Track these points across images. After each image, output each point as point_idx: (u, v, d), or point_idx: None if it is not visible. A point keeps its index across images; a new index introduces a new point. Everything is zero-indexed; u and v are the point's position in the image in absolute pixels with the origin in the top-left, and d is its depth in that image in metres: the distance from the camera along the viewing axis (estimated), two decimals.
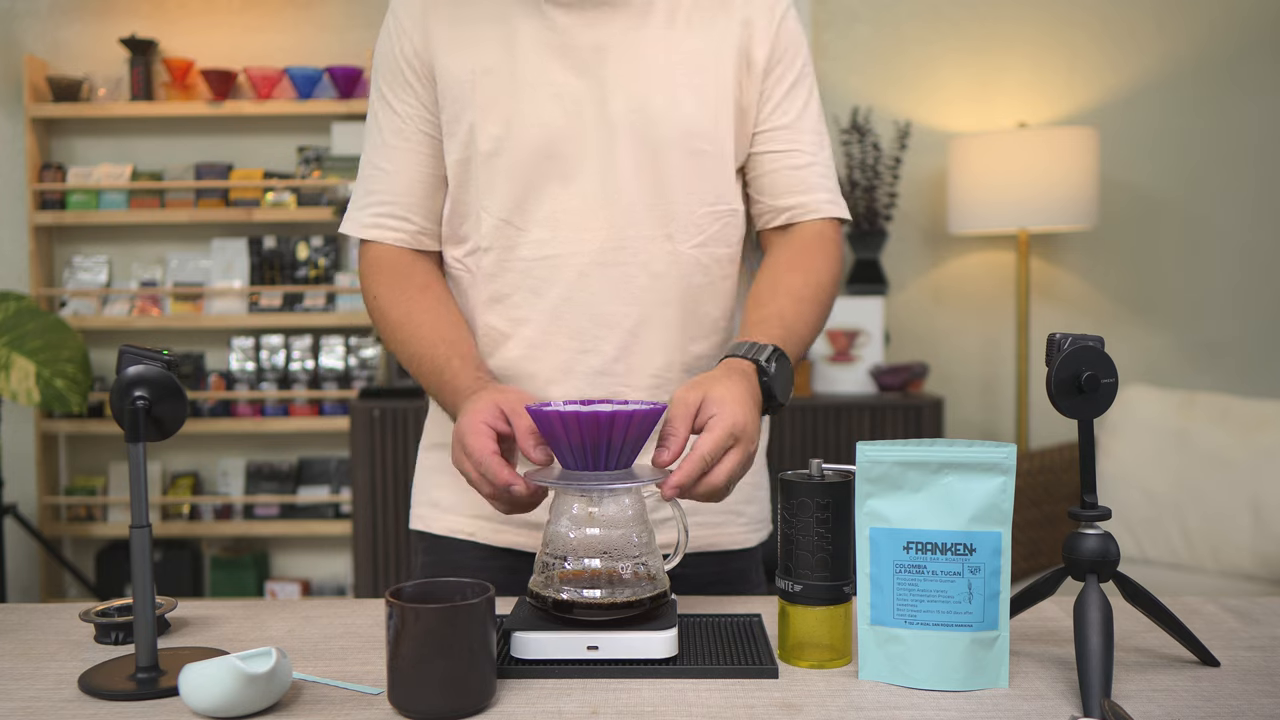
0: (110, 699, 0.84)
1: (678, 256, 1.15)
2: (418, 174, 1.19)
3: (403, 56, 1.19)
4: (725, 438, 0.95)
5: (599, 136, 1.13)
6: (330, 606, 1.11)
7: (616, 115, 1.13)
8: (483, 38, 1.16)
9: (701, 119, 1.15)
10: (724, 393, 0.98)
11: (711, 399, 0.97)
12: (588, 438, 0.90)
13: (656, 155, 1.14)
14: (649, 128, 1.13)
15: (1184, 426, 2.74)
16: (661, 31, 1.15)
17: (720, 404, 0.97)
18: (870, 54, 3.30)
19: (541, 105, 1.13)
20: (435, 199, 1.20)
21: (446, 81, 1.16)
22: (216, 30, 3.33)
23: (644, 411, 0.91)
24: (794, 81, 1.20)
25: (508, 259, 1.16)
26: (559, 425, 0.90)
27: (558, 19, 1.14)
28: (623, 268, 1.14)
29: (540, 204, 1.15)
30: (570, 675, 0.88)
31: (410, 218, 1.20)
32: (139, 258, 3.39)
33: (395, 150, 1.19)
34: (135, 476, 0.87)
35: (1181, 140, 3.28)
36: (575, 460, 0.92)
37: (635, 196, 1.14)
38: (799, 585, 0.91)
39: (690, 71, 1.15)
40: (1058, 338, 0.87)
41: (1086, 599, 0.85)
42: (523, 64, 1.14)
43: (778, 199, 1.20)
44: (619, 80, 1.13)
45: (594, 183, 1.14)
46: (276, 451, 3.39)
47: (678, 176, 1.14)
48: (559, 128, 1.13)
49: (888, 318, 3.25)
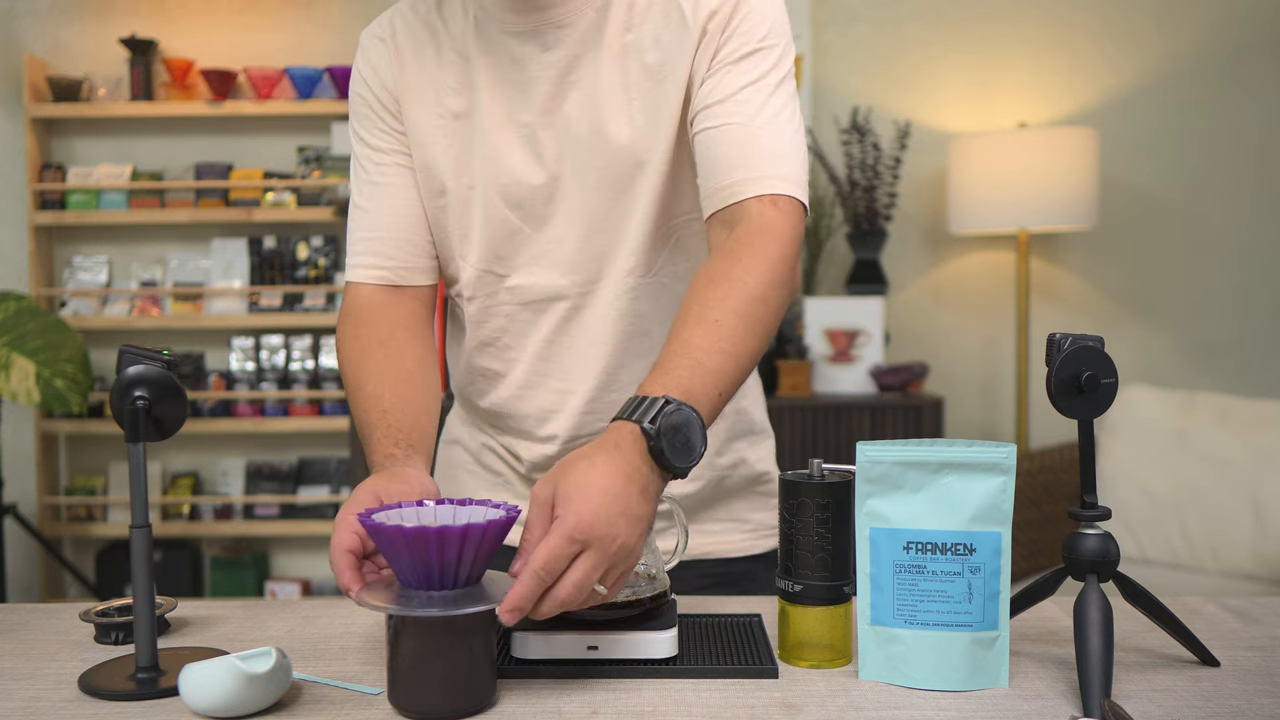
0: (110, 699, 0.84)
1: (642, 288, 1.12)
2: (397, 209, 1.16)
3: (372, 94, 1.16)
4: (564, 543, 0.80)
5: (565, 175, 1.10)
6: (330, 606, 1.11)
7: (581, 150, 1.09)
8: (448, 79, 1.13)
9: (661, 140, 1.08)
10: (575, 484, 0.83)
11: (560, 495, 0.83)
12: (417, 555, 0.78)
13: (626, 189, 1.09)
14: (612, 159, 1.09)
15: (1184, 426, 2.74)
16: (615, 54, 1.09)
17: (567, 501, 0.82)
18: (870, 54, 3.30)
19: (509, 153, 1.10)
20: (418, 230, 1.17)
21: (413, 125, 1.14)
22: (216, 30, 3.33)
23: (481, 526, 0.78)
24: (744, 56, 1.06)
25: (492, 305, 1.15)
26: (386, 540, 0.79)
27: (516, 51, 1.10)
28: (598, 309, 1.12)
29: (518, 251, 1.13)
30: (570, 675, 0.88)
31: (389, 253, 1.16)
32: (139, 258, 3.39)
33: (374, 187, 1.16)
34: (135, 476, 0.87)
35: (1181, 140, 3.28)
36: (410, 578, 0.80)
37: (609, 235, 1.11)
38: (799, 585, 0.91)
39: (646, 93, 1.08)
40: (1058, 338, 0.87)
41: (1086, 599, 0.85)
42: (487, 109, 1.11)
43: (718, 177, 1.04)
44: (580, 112, 1.09)
45: (566, 224, 1.11)
46: (276, 451, 3.39)
47: (644, 208, 1.10)
48: (528, 174, 1.10)
49: (888, 318, 3.25)
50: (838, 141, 3.24)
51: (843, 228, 3.23)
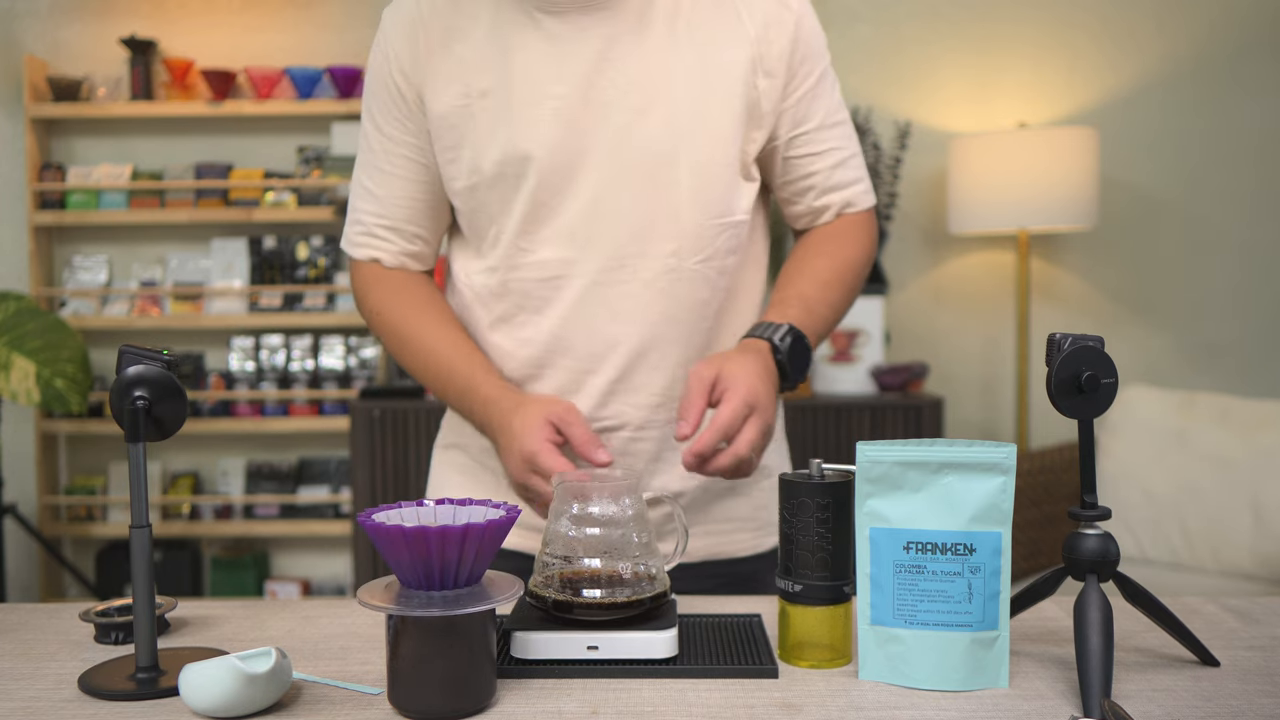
0: (110, 699, 0.84)
1: (682, 273, 1.13)
2: (403, 199, 1.19)
3: (391, 81, 1.16)
4: (742, 407, 1.00)
5: (600, 151, 1.10)
6: (330, 606, 1.10)
7: (617, 128, 1.10)
8: (477, 58, 1.12)
9: (704, 129, 1.11)
10: (737, 368, 1.03)
11: (725, 374, 1.03)
12: (417, 555, 0.79)
13: (660, 168, 1.11)
14: (651, 140, 1.10)
15: (1184, 426, 2.74)
16: (661, 39, 1.11)
17: (734, 378, 1.02)
18: (870, 54, 3.30)
19: (540, 124, 1.10)
20: (422, 223, 1.21)
21: (441, 109, 1.14)
22: (216, 30, 3.33)
23: (481, 526, 0.79)
24: (818, 79, 1.18)
25: (511, 279, 1.15)
26: (386, 540, 0.79)
27: (552, 28, 1.10)
28: (624, 286, 1.12)
29: (544, 224, 1.13)
30: (570, 675, 0.88)
31: (394, 240, 1.21)
32: (139, 258, 3.39)
33: (383, 174, 1.19)
34: (135, 476, 0.87)
35: (1181, 140, 3.28)
36: (410, 578, 0.81)
37: (638, 212, 1.11)
38: (799, 585, 0.91)
39: (693, 80, 1.11)
40: (1058, 338, 0.87)
41: (1086, 599, 0.85)
42: (519, 83, 1.11)
43: (821, 199, 1.22)
44: (618, 91, 1.10)
45: (594, 200, 1.11)
46: (276, 451, 3.39)
47: (684, 189, 1.11)
48: (559, 145, 1.10)
49: (888, 318, 3.25)
50: None
51: None
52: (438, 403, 2.89)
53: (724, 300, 1.17)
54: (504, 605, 0.86)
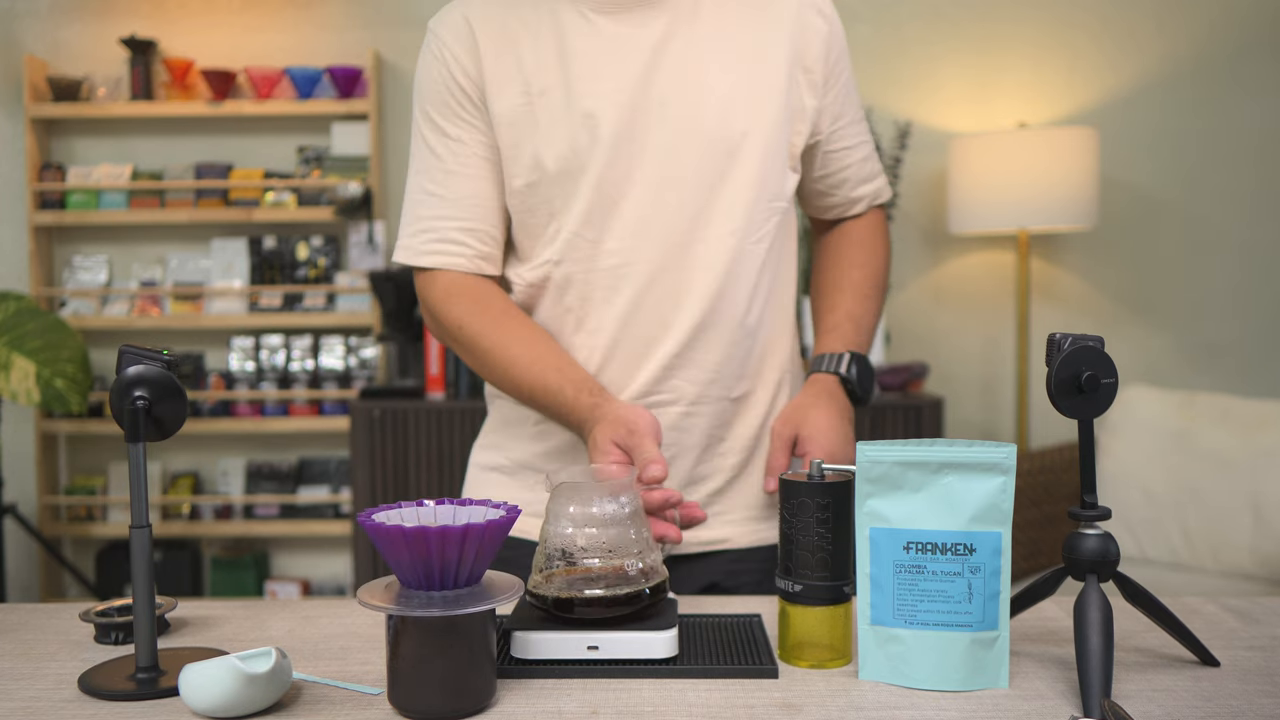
0: (110, 699, 0.84)
1: (741, 253, 1.16)
2: (478, 199, 1.19)
3: (454, 83, 1.18)
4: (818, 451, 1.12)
5: (659, 143, 1.14)
6: (330, 606, 1.11)
7: (675, 120, 1.14)
8: (534, 59, 1.16)
9: (757, 119, 1.16)
10: (815, 426, 1.14)
11: (804, 434, 1.14)
12: (417, 555, 0.79)
13: (718, 157, 1.15)
14: (709, 130, 1.14)
15: (1184, 426, 2.74)
16: (710, 29, 1.16)
17: (811, 440, 1.14)
18: (870, 54, 3.30)
19: (602, 119, 1.13)
20: (493, 224, 1.20)
21: (502, 109, 1.16)
22: (216, 30, 3.33)
23: (481, 526, 0.79)
24: (849, 74, 1.26)
25: (579, 270, 1.17)
26: (386, 540, 0.79)
27: (606, 27, 1.15)
28: (691, 273, 1.15)
29: (609, 214, 1.15)
30: (570, 675, 0.88)
31: (470, 243, 1.19)
32: (139, 258, 3.39)
33: (453, 176, 1.18)
34: (135, 476, 0.87)
35: (1181, 140, 3.28)
36: (410, 578, 0.81)
37: (699, 199, 1.15)
38: (799, 585, 0.91)
39: (741, 70, 1.16)
40: (1058, 338, 0.87)
41: (1086, 599, 0.85)
42: (578, 78, 1.14)
43: (856, 190, 1.30)
44: (672, 83, 1.14)
45: (657, 190, 1.15)
46: (276, 451, 3.39)
47: (742, 176, 1.16)
48: (620, 138, 1.14)
49: (888, 318, 3.25)
50: None
51: None
52: (438, 403, 2.89)
53: (773, 273, 1.22)
54: (504, 605, 0.86)
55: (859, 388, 1.20)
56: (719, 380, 1.18)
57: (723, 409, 1.20)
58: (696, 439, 1.19)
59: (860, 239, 1.32)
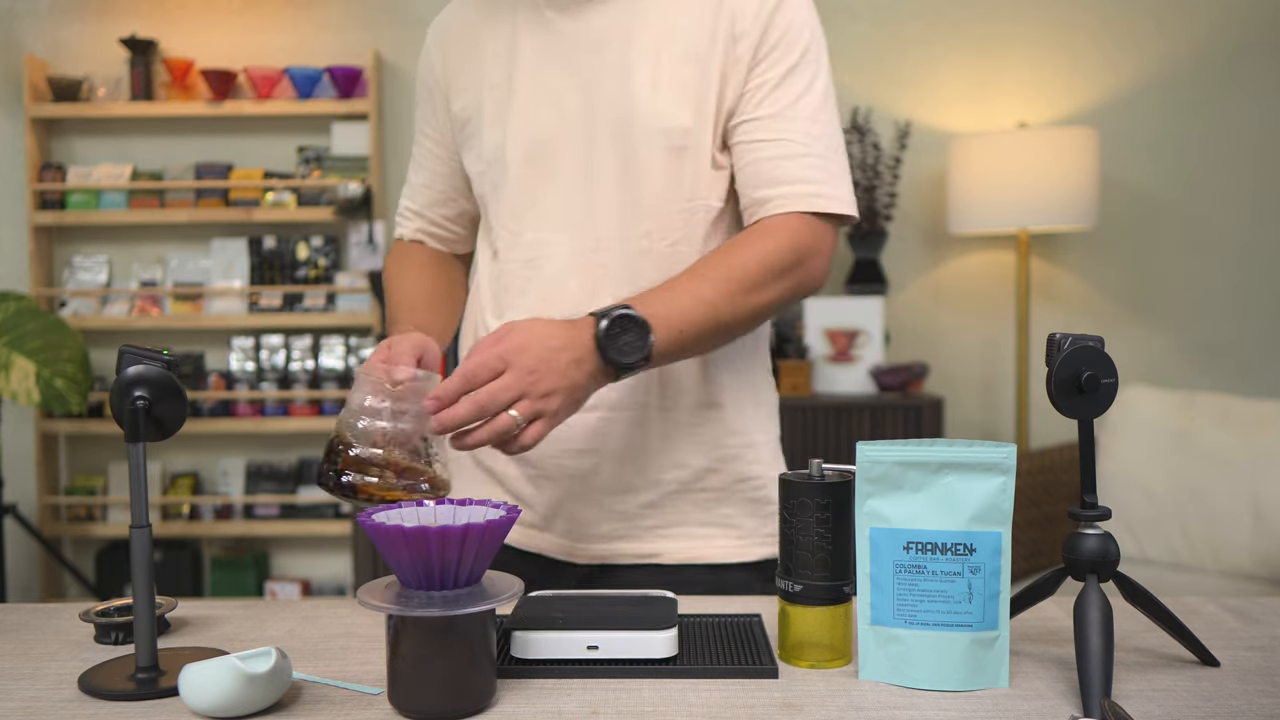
0: (110, 699, 0.84)
1: (651, 256, 1.14)
2: (433, 185, 1.32)
3: (427, 83, 1.28)
4: (492, 358, 0.94)
5: (583, 136, 1.14)
6: (330, 606, 1.11)
7: (600, 113, 1.14)
8: (491, 55, 1.20)
9: (682, 114, 1.12)
10: (523, 324, 0.98)
11: (505, 327, 0.98)
12: (417, 555, 0.79)
13: (636, 152, 1.13)
14: (629, 125, 1.13)
15: (1184, 426, 2.74)
16: (655, 23, 1.13)
17: (509, 331, 0.97)
18: (870, 54, 3.30)
19: (535, 110, 1.16)
20: (448, 207, 1.32)
21: (463, 103, 1.23)
22: (216, 30, 3.33)
23: (481, 526, 0.79)
24: (789, 70, 1.13)
25: (504, 261, 1.20)
26: (386, 540, 0.79)
27: (557, 23, 1.16)
28: (597, 270, 1.14)
29: (531, 206, 1.17)
30: (570, 675, 0.88)
31: (422, 216, 1.33)
32: (139, 258, 3.39)
33: (419, 167, 1.32)
34: (135, 476, 0.87)
35: (1181, 140, 3.28)
36: (410, 578, 0.80)
37: (613, 196, 1.14)
38: (799, 585, 0.91)
39: (677, 64, 1.12)
40: (1058, 338, 0.87)
41: (1086, 599, 0.85)
42: (521, 73, 1.17)
43: (755, 190, 1.13)
44: (608, 77, 1.13)
45: (575, 183, 1.15)
46: (276, 451, 3.39)
47: (657, 174, 1.13)
48: (548, 130, 1.15)
49: (888, 318, 3.25)
50: None
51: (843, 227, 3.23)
52: None
53: None
54: (504, 605, 0.86)
55: (606, 337, 0.99)
56: (640, 385, 1.15)
57: (648, 417, 1.16)
58: (618, 445, 1.16)
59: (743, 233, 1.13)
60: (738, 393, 1.21)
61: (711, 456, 1.19)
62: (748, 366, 1.22)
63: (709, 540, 1.20)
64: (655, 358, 1.02)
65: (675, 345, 1.04)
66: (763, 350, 1.26)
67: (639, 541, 1.19)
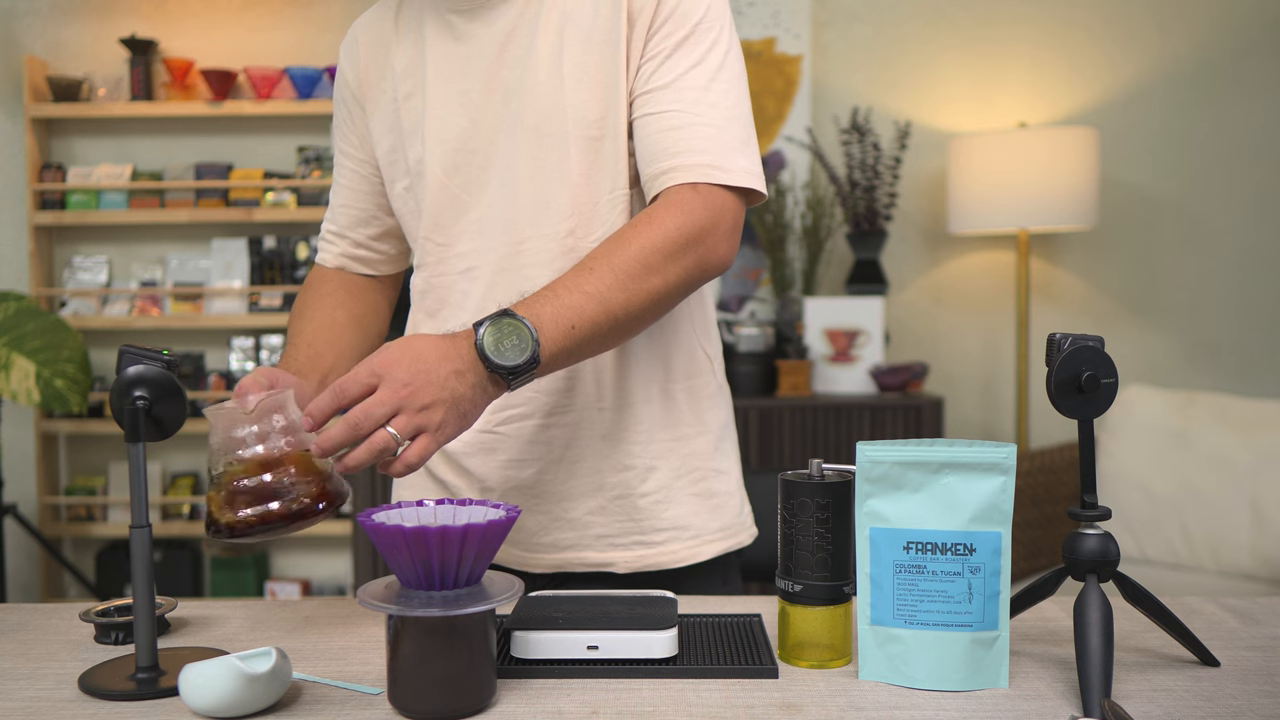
0: (110, 699, 0.84)
1: (578, 254, 1.11)
2: (354, 204, 1.28)
3: (344, 99, 1.26)
4: (364, 373, 0.91)
5: (499, 139, 1.12)
6: (330, 606, 1.11)
7: (513, 113, 1.11)
8: (403, 67, 1.18)
9: (591, 104, 1.09)
10: (399, 342, 0.94)
11: (382, 347, 0.94)
12: (417, 555, 0.79)
13: (552, 148, 1.11)
14: (542, 121, 1.10)
15: (1184, 426, 2.74)
16: (556, 16, 1.11)
17: (383, 349, 0.93)
18: (870, 54, 3.30)
19: (449, 118, 1.14)
20: (371, 226, 1.28)
21: (380, 117, 1.21)
22: (216, 30, 3.33)
23: (481, 526, 0.79)
24: (680, 41, 1.08)
25: (435, 274, 1.18)
26: (386, 540, 0.79)
27: (462, 27, 1.14)
28: (526, 271, 1.12)
29: (457, 217, 1.15)
30: (570, 675, 0.88)
31: (345, 237, 1.29)
32: (139, 258, 3.39)
33: (338, 187, 1.29)
34: (135, 476, 0.87)
35: (1182, 140, 3.28)
36: (410, 578, 0.81)
37: (534, 196, 1.11)
38: (799, 585, 0.91)
39: (580, 53, 1.10)
40: (1058, 338, 0.87)
41: (1086, 599, 0.85)
42: (432, 81, 1.15)
43: (648, 165, 1.08)
44: (516, 76, 1.11)
45: (498, 189, 1.13)
46: None
47: (574, 168, 1.10)
48: (464, 137, 1.13)
49: (888, 318, 3.25)
50: (838, 141, 3.24)
51: (843, 228, 3.23)
52: None
53: None
54: (504, 605, 0.86)
55: (488, 344, 0.94)
56: (575, 389, 1.13)
57: (588, 421, 1.14)
58: (560, 453, 1.15)
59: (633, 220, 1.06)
60: (669, 384, 1.17)
61: (650, 452, 1.16)
62: (681, 352, 1.18)
63: (662, 546, 1.17)
64: (548, 360, 0.96)
65: (570, 343, 0.98)
66: (699, 334, 1.20)
67: (591, 550, 1.17)
